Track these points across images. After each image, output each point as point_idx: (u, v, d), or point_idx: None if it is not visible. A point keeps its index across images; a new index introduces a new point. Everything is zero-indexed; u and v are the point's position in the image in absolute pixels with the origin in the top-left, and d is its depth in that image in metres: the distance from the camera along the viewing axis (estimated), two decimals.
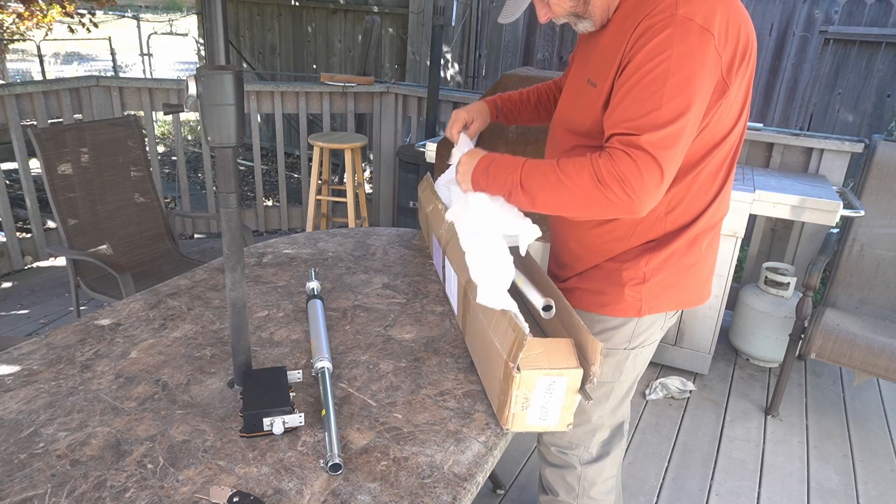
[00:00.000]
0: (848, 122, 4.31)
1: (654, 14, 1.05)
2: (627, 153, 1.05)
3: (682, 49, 1.02)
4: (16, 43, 8.92)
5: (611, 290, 1.27)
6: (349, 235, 1.99)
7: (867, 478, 2.31)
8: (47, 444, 1.02)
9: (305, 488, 0.96)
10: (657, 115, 1.03)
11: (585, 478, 1.45)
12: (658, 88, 1.03)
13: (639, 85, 1.05)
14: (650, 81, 1.04)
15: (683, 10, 1.03)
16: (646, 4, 1.08)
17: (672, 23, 1.02)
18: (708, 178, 1.20)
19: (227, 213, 1.07)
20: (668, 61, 1.02)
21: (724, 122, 1.14)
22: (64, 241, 2.48)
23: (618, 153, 1.06)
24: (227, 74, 0.97)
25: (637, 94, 1.05)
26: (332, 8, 6.22)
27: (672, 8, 1.04)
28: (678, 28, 1.02)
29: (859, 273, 2.76)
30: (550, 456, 1.48)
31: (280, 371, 1.17)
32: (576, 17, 1.19)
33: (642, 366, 1.39)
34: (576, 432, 1.41)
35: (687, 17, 1.03)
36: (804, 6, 4.31)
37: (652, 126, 1.03)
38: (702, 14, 1.03)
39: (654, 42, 1.03)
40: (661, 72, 1.03)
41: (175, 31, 10.94)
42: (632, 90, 1.06)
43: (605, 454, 1.46)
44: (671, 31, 1.02)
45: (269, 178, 6.07)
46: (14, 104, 3.31)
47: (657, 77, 1.03)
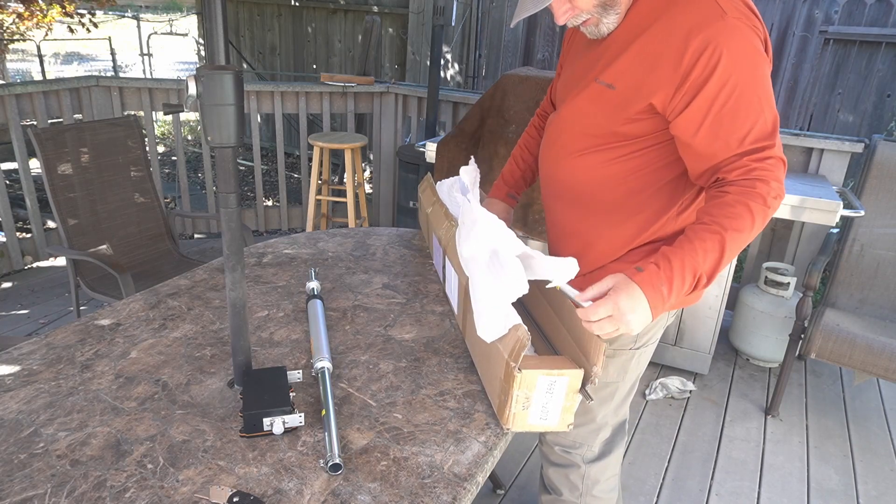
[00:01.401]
0: (848, 122, 4.31)
1: (704, 24, 1.04)
2: (769, 170, 1.05)
3: (749, 54, 1.04)
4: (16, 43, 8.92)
5: None
6: (349, 235, 1.99)
7: (867, 478, 2.31)
8: (47, 444, 1.02)
9: (305, 488, 0.96)
10: (766, 123, 1.06)
11: (589, 476, 1.45)
12: (753, 101, 1.05)
13: (730, 103, 1.05)
14: (741, 95, 1.04)
15: (731, 12, 1.04)
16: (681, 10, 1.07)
17: (728, 31, 1.03)
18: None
19: (227, 213, 1.07)
20: (746, 71, 1.04)
21: None
22: (64, 241, 2.48)
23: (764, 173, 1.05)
24: (227, 74, 0.97)
25: (736, 112, 1.05)
26: (332, 8, 6.22)
27: (719, 11, 1.04)
28: (737, 35, 1.03)
29: (859, 273, 2.76)
30: (554, 455, 1.48)
31: (280, 371, 1.17)
32: (602, 8, 1.13)
33: (645, 364, 1.39)
34: (580, 432, 1.41)
35: (736, 18, 1.04)
36: (804, 6, 4.31)
37: (768, 133, 1.06)
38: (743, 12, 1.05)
39: (726, 58, 1.03)
40: (745, 84, 1.04)
41: (175, 31, 10.94)
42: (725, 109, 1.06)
43: (608, 452, 1.46)
44: (734, 42, 1.03)
45: (269, 178, 6.07)
46: (14, 104, 3.31)
47: (745, 90, 1.04)
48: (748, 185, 1.04)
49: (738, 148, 1.07)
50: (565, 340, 1.19)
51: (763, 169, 1.05)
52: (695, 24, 1.04)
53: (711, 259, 1.02)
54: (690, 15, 1.05)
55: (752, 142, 1.06)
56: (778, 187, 1.05)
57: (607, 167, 1.22)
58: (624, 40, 1.14)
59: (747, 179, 1.05)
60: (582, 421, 1.38)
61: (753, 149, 1.06)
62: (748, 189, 1.04)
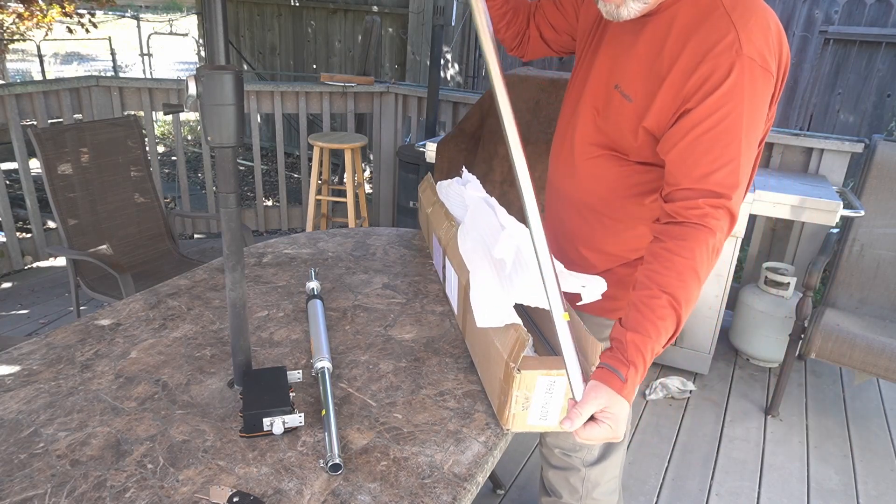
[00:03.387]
0: (848, 122, 4.31)
1: (718, 52, 1.01)
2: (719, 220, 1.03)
3: (751, 94, 1.01)
4: (16, 43, 8.91)
5: (623, 296, 1.24)
6: (349, 235, 1.99)
7: (867, 478, 2.31)
8: (47, 444, 1.02)
9: (305, 488, 0.96)
10: (737, 171, 1.03)
11: (589, 479, 1.44)
12: (733, 141, 1.02)
13: (711, 133, 1.02)
14: (724, 132, 1.01)
15: (748, 49, 1.00)
16: (702, 32, 1.03)
17: (739, 64, 1.00)
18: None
19: (226, 213, 1.07)
20: (741, 107, 1.01)
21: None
22: (64, 241, 2.48)
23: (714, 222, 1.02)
24: (227, 74, 0.97)
25: (712, 144, 1.02)
26: (332, 8, 6.22)
27: (736, 45, 1.00)
28: (746, 71, 1.00)
29: (859, 273, 2.76)
30: (553, 458, 1.47)
31: (280, 371, 1.17)
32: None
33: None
34: None
35: (751, 57, 1.00)
36: (804, 6, 4.31)
37: (734, 184, 1.03)
38: (761, 52, 1.01)
39: (727, 85, 1.00)
40: (732, 121, 1.01)
41: (175, 31, 10.93)
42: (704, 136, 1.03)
43: (609, 455, 1.45)
44: (739, 75, 1.00)
45: (269, 178, 6.07)
46: (14, 104, 3.31)
47: (730, 127, 1.01)
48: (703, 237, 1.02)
49: (697, 183, 1.03)
50: None
51: (714, 218, 1.02)
52: (709, 50, 1.02)
53: (669, 333, 1.01)
54: (708, 41, 1.02)
55: (715, 183, 1.02)
56: (721, 240, 1.03)
57: (619, 175, 1.20)
58: (649, 48, 1.10)
59: (699, 225, 1.02)
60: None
61: (712, 192, 1.02)
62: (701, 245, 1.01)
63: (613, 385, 0.96)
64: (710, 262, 1.03)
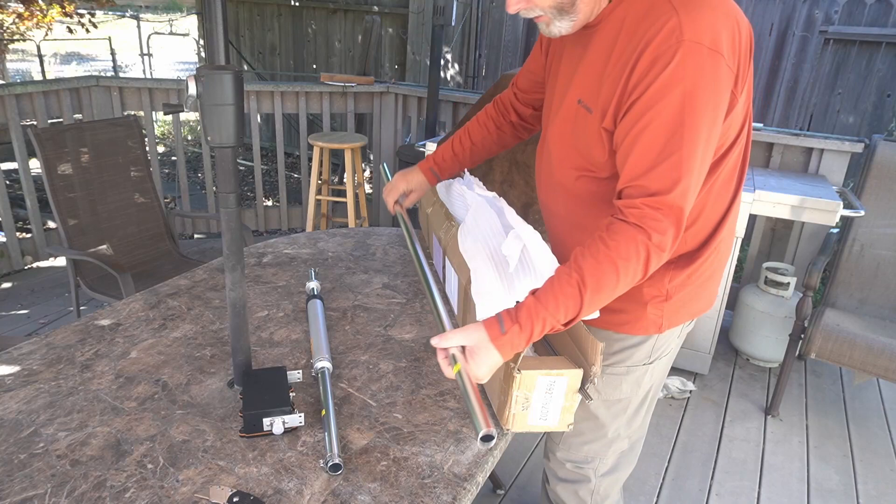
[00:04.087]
0: (848, 122, 4.31)
1: (659, 40, 0.95)
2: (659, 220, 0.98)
3: (695, 78, 0.94)
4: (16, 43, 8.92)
5: (631, 309, 1.20)
6: (349, 235, 1.99)
7: (867, 478, 2.31)
8: (47, 444, 1.02)
9: (305, 488, 0.96)
10: (679, 163, 0.97)
11: (598, 491, 1.40)
12: (675, 131, 0.95)
13: (652, 125, 0.97)
14: (665, 123, 0.96)
15: (690, 33, 0.93)
16: (644, 24, 0.98)
17: (680, 49, 0.93)
18: (723, 188, 1.14)
19: (226, 213, 1.07)
20: (683, 96, 0.94)
21: (731, 130, 1.07)
22: (64, 241, 2.48)
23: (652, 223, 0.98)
24: (227, 74, 0.97)
25: (654, 138, 0.97)
26: (332, 8, 6.22)
27: (677, 32, 0.94)
28: (688, 55, 0.93)
29: (859, 273, 2.76)
30: (563, 471, 1.41)
31: (280, 371, 1.17)
32: (558, 12, 1.05)
33: (659, 376, 1.33)
34: (592, 446, 1.36)
35: (695, 40, 0.93)
36: (804, 6, 4.31)
37: (676, 178, 0.97)
38: (709, 34, 0.94)
39: (666, 75, 0.94)
40: (675, 111, 0.95)
41: (175, 31, 10.93)
42: (646, 130, 0.97)
43: (621, 465, 1.42)
44: (681, 60, 0.93)
45: (269, 178, 6.07)
46: (14, 104, 3.31)
47: (673, 118, 0.95)
48: (633, 235, 0.98)
49: (638, 179, 0.99)
50: (564, 340, 1.19)
51: (652, 219, 0.98)
52: (651, 39, 0.96)
53: (570, 313, 0.99)
54: (650, 31, 0.97)
55: (655, 179, 0.97)
56: (661, 241, 0.98)
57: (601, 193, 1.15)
58: (599, 54, 1.07)
59: (635, 225, 0.99)
60: (594, 436, 1.33)
61: (652, 189, 0.98)
62: (629, 242, 0.98)
63: (491, 331, 0.99)
64: (638, 259, 0.98)
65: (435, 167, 1.51)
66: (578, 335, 1.12)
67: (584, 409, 1.29)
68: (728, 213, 1.18)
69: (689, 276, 1.18)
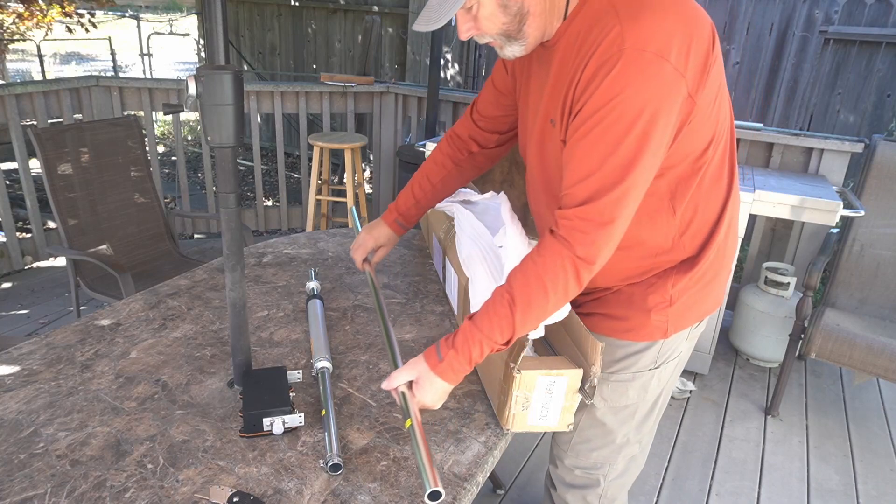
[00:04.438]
0: (848, 122, 4.31)
1: (601, 50, 0.94)
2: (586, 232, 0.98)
3: (637, 86, 0.92)
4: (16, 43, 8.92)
5: (635, 316, 1.18)
6: (349, 235, 1.99)
7: (867, 478, 2.31)
8: (47, 444, 1.02)
9: (305, 488, 0.96)
10: (612, 172, 0.95)
11: (606, 495, 1.39)
12: (613, 139, 0.94)
13: (591, 134, 0.96)
14: (604, 131, 0.94)
15: (631, 41, 0.92)
16: (591, 35, 0.97)
17: (622, 57, 0.92)
18: (713, 186, 1.13)
19: (226, 213, 1.07)
20: (623, 104, 0.93)
21: (705, 129, 1.05)
22: (64, 241, 2.48)
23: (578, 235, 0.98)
24: (227, 74, 0.97)
25: (591, 146, 0.96)
26: (332, 8, 6.22)
27: (619, 40, 0.92)
28: (629, 63, 0.92)
29: (859, 273, 2.76)
30: (571, 477, 1.40)
31: (280, 371, 1.17)
32: (506, 38, 1.05)
33: (668, 379, 1.31)
34: (601, 452, 1.34)
35: (636, 48, 0.91)
36: (804, 6, 4.31)
37: (607, 186, 0.96)
38: (653, 40, 0.92)
39: (606, 83, 0.93)
40: (615, 118, 0.93)
41: (175, 31, 10.93)
42: (584, 140, 0.97)
43: (630, 470, 1.40)
44: (621, 68, 0.92)
45: (269, 178, 6.07)
46: (14, 104, 3.31)
47: (611, 125, 0.94)
48: (558, 249, 0.99)
49: (573, 188, 0.98)
50: (564, 341, 1.19)
51: (580, 231, 0.97)
52: (594, 50, 0.96)
53: (505, 333, 1.01)
54: (595, 42, 0.96)
55: (588, 187, 0.96)
56: (586, 254, 0.98)
57: None
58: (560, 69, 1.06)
59: (563, 238, 0.99)
60: (603, 442, 1.32)
61: (583, 198, 0.97)
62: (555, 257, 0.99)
63: (429, 360, 1.04)
64: (566, 275, 0.99)
65: (400, 218, 1.49)
66: (578, 335, 1.12)
67: (591, 417, 1.28)
68: (724, 212, 1.16)
69: (692, 279, 1.17)
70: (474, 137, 1.43)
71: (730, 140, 1.13)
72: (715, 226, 1.16)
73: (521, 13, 1.01)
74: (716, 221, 1.16)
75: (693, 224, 1.14)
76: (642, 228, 1.12)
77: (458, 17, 1.04)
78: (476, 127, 1.42)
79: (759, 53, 4.49)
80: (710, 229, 1.16)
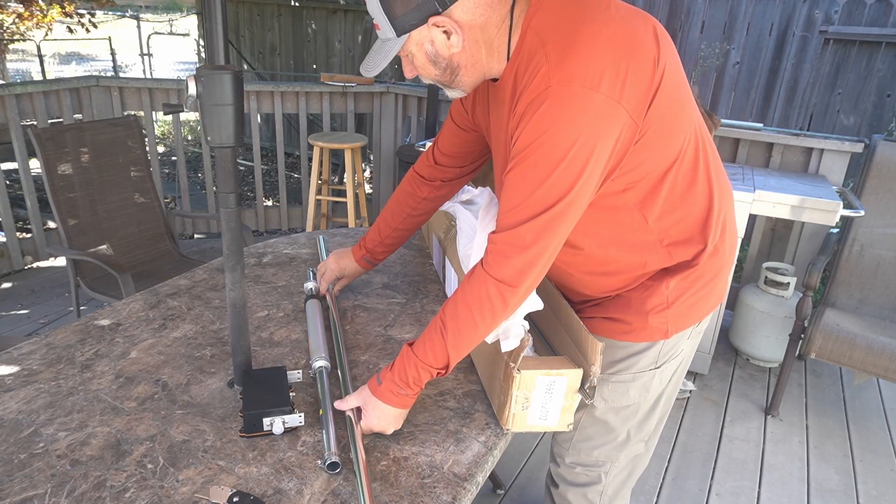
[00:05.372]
0: (848, 122, 4.31)
1: (531, 89, 0.98)
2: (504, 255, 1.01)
3: (566, 121, 0.94)
4: (16, 43, 8.92)
5: (633, 319, 1.19)
6: (349, 235, 1.99)
7: (867, 478, 2.31)
8: (47, 444, 1.02)
9: (305, 488, 0.96)
10: (537, 199, 0.98)
11: (607, 493, 1.39)
12: (543, 171, 0.97)
13: (521, 167, 0.99)
14: (533, 164, 0.97)
15: (557, 78, 0.94)
16: (526, 74, 1.00)
17: (548, 96, 0.95)
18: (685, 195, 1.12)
19: (226, 213, 1.07)
20: (552, 139, 0.95)
21: (665, 148, 1.05)
22: (64, 241, 2.48)
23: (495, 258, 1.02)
24: (227, 74, 0.97)
25: (521, 179, 0.99)
26: (332, 8, 6.22)
27: (546, 79, 0.95)
28: (555, 100, 0.94)
29: (859, 273, 2.76)
30: (572, 475, 1.40)
31: (280, 371, 1.17)
32: (441, 84, 1.12)
33: (671, 379, 1.31)
34: (603, 450, 1.34)
35: (563, 84, 0.94)
36: (804, 6, 4.31)
37: (532, 213, 0.99)
38: (580, 75, 0.94)
39: (534, 120, 0.96)
40: (543, 153, 0.96)
41: (175, 31, 10.94)
42: (511, 173, 1.00)
43: (633, 468, 1.41)
44: (548, 105, 0.95)
45: (269, 178, 6.07)
46: (14, 104, 3.31)
47: (540, 159, 0.97)
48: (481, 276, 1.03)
49: (501, 217, 1.02)
50: (564, 341, 1.19)
51: (502, 255, 1.01)
52: (524, 88, 1.00)
53: (439, 358, 1.06)
54: (525, 83, 1.00)
55: (512, 215, 1.00)
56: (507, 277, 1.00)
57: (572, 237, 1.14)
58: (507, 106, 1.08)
59: (487, 264, 1.03)
60: (604, 440, 1.32)
61: (505, 225, 1.01)
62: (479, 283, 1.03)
63: (371, 385, 1.10)
64: (490, 300, 1.02)
65: (367, 255, 1.52)
66: (578, 335, 1.12)
67: (592, 415, 1.28)
68: (710, 213, 1.15)
69: (689, 280, 1.17)
70: (437, 176, 1.46)
71: (701, 145, 1.12)
72: (705, 230, 1.15)
73: (450, 67, 1.07)
74: (703, 226, 1.15)
75: (674, 231, 1.14)
76: (621, 251, 1.15)
77: (402, 61, 1.11)
78: (439, 166, 1.45)
79: (759, 53, 4.49)
80: (701, 233, 1.15)
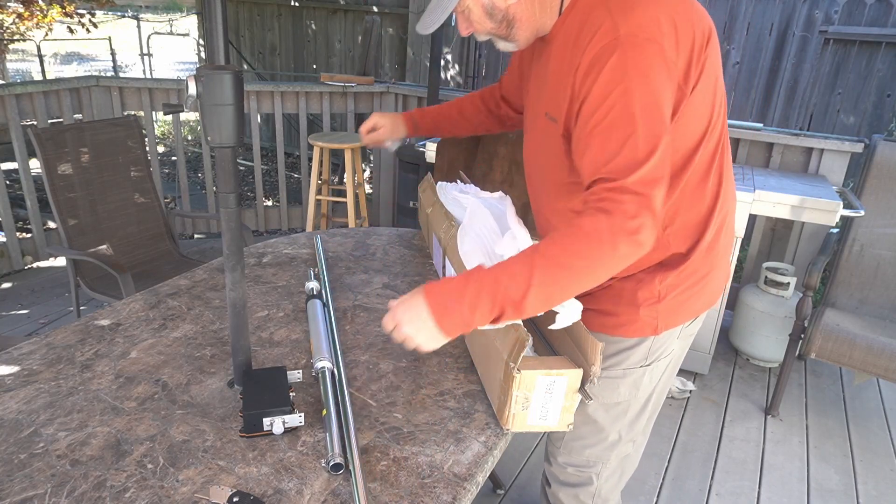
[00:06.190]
0: (848, 122, 4.31)
1: (596, 40, 0.98)
2: (621, 203, 0.96)
3: (637, 71, 0.96)
4: (16, 43, 8.92)
5: (624, 311, 1.20)
6: (349, 235, 1.99)
7: (867, 478, 2.31)
8: (47, 444, 1.02)
9: (305, 488, 0.96)
10: (635, 150, 0.96)
11: (600, 494, 1.40)
12: (628, 121, 0.96)
13: (605, 121, 0.98)
14: (617, 116, 0.97)
15: (625, 28, 0.96)
16: (586, 28, 1.01)
17: (618, 45, 0.96)
18: (699, 186, 1.13)
19: (226, 213, 1.07)
20: (628, 90, 0.96)
21: (694, 125, 1.07)
22: (64, 241, 2.48)
23: (611, 205, 0.96)
24: (227, 74, 0.97)
25: (608, 132, 0.98)
26: (332, 8, 6.22)
27: (613, 30, 0.97)
28: (626, 49, 0.96)
29: (859, 273, 2.76)
30: (565, 475, 1.41)
31: (280, 371, 1.17)
32: (497, 37, 1.13)
33: (660, 378, 1.32)
34: (594, 450, 1.35)
35: (631, 33, 0.96)
36: (804, 6, 4.31)
37: (635, 163, 0.96)
38: (644, 27, 0.97)
39: (607, 71, 0.97)
40: (624, 103, 0.96)
41: (175, 31, 10.94)
42: (598, 128, 0.99)
43: (623, 469, 1.41)
44: (620, 55, 0.96)
45: (269, 178, 6.07)
46: (14, 104, 3.31)
47: (623, 109, 0.96)
48: (591, 216, 0.97)
49: (597, 174, 0.98)
50: (564, 340, 1.19)
51: (612, 201, 0.96)
52: (589, 41, 0.99)
53: (516, 286, 0.96)
54: (588, 35, 1.00)
55: (611, 171, 0.97)
56: (630, 225, 0.94)
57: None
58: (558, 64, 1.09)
59: (591, 209, 0.97)
60: (595, 440, 1.33)
61: (607, 178, 0.97)
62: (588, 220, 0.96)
63: (426, 284, 1.04)
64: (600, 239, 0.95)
65: (416, 115, 1.62)
66: (578, 335, 1.12)
67: (583, 414, 1.29)
68: (713, 212, 1.16)
69: (681, 275, 1.17)
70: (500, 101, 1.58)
71: (722, 141, 1.14)
72: (704, 225, 1.17)
73: (506, 19, 1.10)
74: (704, 220, 1.16)
75: (677, 220, 1.15)
76: None
77: (457, 18, 1.13)
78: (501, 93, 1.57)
79: (759, 53, 4.49)
80: (699, 227, 1.17)
